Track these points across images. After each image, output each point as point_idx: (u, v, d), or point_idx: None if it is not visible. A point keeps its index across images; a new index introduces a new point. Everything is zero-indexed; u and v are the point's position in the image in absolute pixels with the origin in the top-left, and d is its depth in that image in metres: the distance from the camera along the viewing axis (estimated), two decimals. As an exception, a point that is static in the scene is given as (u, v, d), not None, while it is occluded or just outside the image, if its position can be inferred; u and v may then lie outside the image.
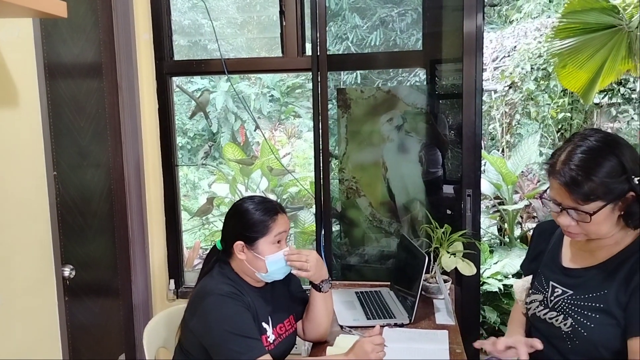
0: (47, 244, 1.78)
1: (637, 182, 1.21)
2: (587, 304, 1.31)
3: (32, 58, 1.72)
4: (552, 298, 1.39)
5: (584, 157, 1.23)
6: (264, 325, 1.59)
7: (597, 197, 1.21)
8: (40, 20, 1.77)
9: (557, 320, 1.35)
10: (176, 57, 2.65)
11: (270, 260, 1.56)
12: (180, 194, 2.78)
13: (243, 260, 1.58)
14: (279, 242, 1.59)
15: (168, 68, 2.58)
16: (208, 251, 1.71)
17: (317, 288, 1.68)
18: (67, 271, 1.90)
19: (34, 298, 1.72)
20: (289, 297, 1.74)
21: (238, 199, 1.74)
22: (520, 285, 1.53)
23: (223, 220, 1.67)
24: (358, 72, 5.32)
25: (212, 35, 2.63)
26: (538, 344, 1.33)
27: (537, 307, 1.43)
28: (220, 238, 1.67)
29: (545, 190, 1.33)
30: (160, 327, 1.88)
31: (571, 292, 1.35)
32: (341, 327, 1.90)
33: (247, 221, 1.58)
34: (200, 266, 1.71)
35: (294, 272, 1.63)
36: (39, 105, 1.74)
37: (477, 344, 1.43)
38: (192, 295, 1.57)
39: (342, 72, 5.29)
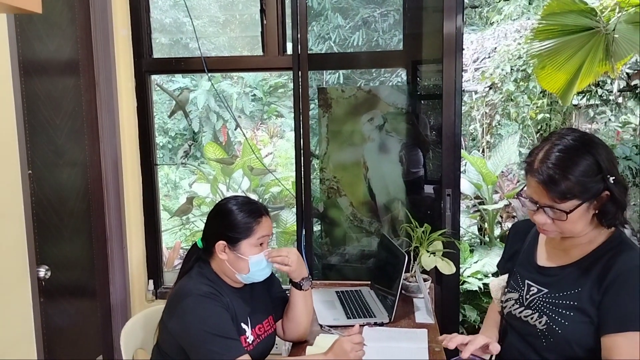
0: (22, 244, 1.75)
1: (612, 182, 1.23)
2: (562, 302, 1.32)
3: (6, 55, 1.69)
4: (528, 296, 1.40)
5: (561, 156, 1.24)
6: (243, 326, 1.58)
7: (573, 195, 1.23)
8: (14, 16, 1.74)
9: (532, 318, 1.37)
10: (157, 55, 2.62)
11: (253, 261, 1.55)
12: (159, 193, 2.75)
13: (224, 261, 1.57)
14: (261, 244, 1.58)
15: (147, 66, 2.55)
16: (188, 250, 1.69)
17: (298, 286, 1.68)
18: (43, 272, 1.87)
19: (8, 299, 1.69)
20: (269, 297, 1.73)
21: (219, 199, 1.72)
22: (496, 284, 1.54)
23: (205, 219, 1.65)
24: (340, 72, 5.33)
25: (193, 33, 2.61)
26: (494, 350, 1.35)
27: (513, 305, 1.44)
28: (201, 236, 1.65)
29: (522, 188, 1.35)
30: (138, 328, 1.86)
31: (546, 290, 1.37)
32: (321, 326, 1.90)
33: (230, 222, 1.56)
34: (180, 266, 1.69)
35: (277, 266, 1.62)
36: (13, 103, 1.71)
37: (441, 337, 1.44)
38: (171, 295, 1.56)
39: (324, 72, 5.30)
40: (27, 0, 1.24)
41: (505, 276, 1.53)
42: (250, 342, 1.58)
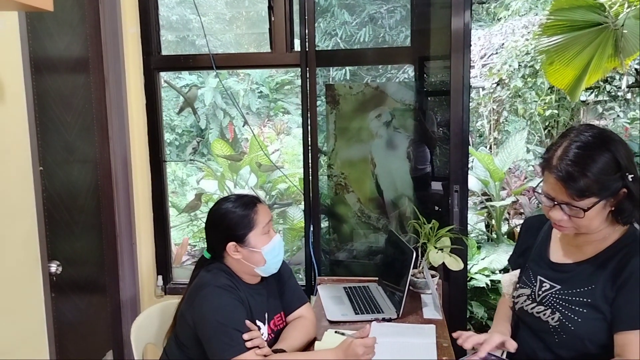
0: (34, 240, 1.77)
1: (630, 180, 1.22)
2: (575, 298, 1.32)
3: (17, 52, 1.70)
4: (540, 292, 1.40)
5: (580, 153, 1.23)
6: (258, 323, 1.60)
7: (592, 193, 1.22)
8: (25, 14, 1.75)
9: (544, 315, 1.37)
10: (164, 53, 2.63)
11: (266, 251, 1.58)
12: (168, 190, 2.77)
13: (239, 260, 1.58)
14: (267, 232, 1.60)
15: (155, 63, 2.56)
16: (197, 262, 1.71)
17: None
18: (54, 267, 1.89)
19: (20, 295, 1.70)
20: (280, 292, 1.75)
21: (225, 195, 1.73)
22: (508, 279, 1.54)
23: (205, 230, 1.66)
24: (347, 68, 5.32)
25: (200, 30, 2.62)
26: (511, 347, 1.35)
27: (525, 301, 1.44)
28: (206, 248, 1.67)
29: (538, 184, 1.34)
30: (148, 323, 1.88)
31: (559, 286, 1.37)
32: (330, 322, 1.91)
33: (230, 221, 1.58)
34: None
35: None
36: (24, 100, 1.72)
37: (456, 334, 1.44)
38: (191, 287, 1.59)
39: (331, 68, 5.29)
40: (39, -2, 1.25)
41: (517, 271, 1.53)
42: (265, 338, 1.60)
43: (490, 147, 5.86)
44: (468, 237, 2.40)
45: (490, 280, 3.53)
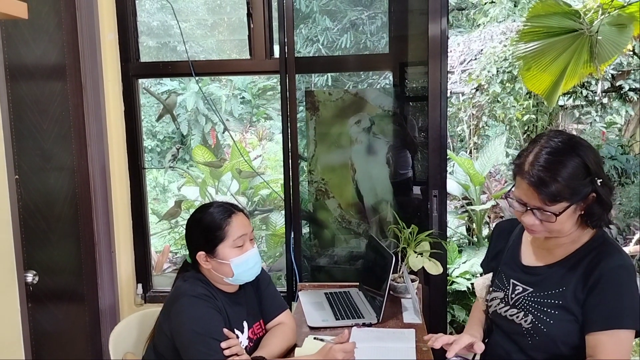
0: (9, 250, 1.74)
1: (599, 184, 1.26)
2: (547, 300, 1.34)
3: (-9, 59, 1.68)
4: (513, 295, 1.42)
5: (550, 159, 1.26)
6: (237, 331, 1.59)
7: (563, 198, 1.24)
8: (0, 22, 1.73)
9: (517, 317, 1.39)
10: (144, 59, 2.61)
11: (235, 264, 1.55)
12: (147, 197, 2.75)
13: (210, 269, 1.57)
14: (241, 245, 1.57)
15: (134, 70, 2.54)
16: (181, 265, 1.71)
17: None
18: (30, 277, 1.86)
19: (-6, 305, 1.68)
20: (259, 300, 1.74)
21: (208, 202, 1.73)
22: (481, 283, 1.56)
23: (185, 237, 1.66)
24: (329, 74, 5.34)
25: (181, 36, 2.61)
26: (478, 349, 1.36)
27: (498, 304, 1.46)
28: (188, 254, 1.67)
29: (510, 189, 1.36)
30: (127, 332, 1.86)
31: (531, 289, 1.39)
32: (310, 328, 1.91)
33: (201, 230, 1.57)
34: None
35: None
36: (-1, 108, 1.70)
37: (427, 337, 1.45)
38: (167, 297, 1.58)
39: (312, 75, 5.30)
40: (12, 6, 1.24)
41: (490, 275, 1.55)
42: (244, 347, 1.59)
43: (471, 152, 5.92)
44: (448, 242, 2.42)
45: (472, 284, 3.56)
